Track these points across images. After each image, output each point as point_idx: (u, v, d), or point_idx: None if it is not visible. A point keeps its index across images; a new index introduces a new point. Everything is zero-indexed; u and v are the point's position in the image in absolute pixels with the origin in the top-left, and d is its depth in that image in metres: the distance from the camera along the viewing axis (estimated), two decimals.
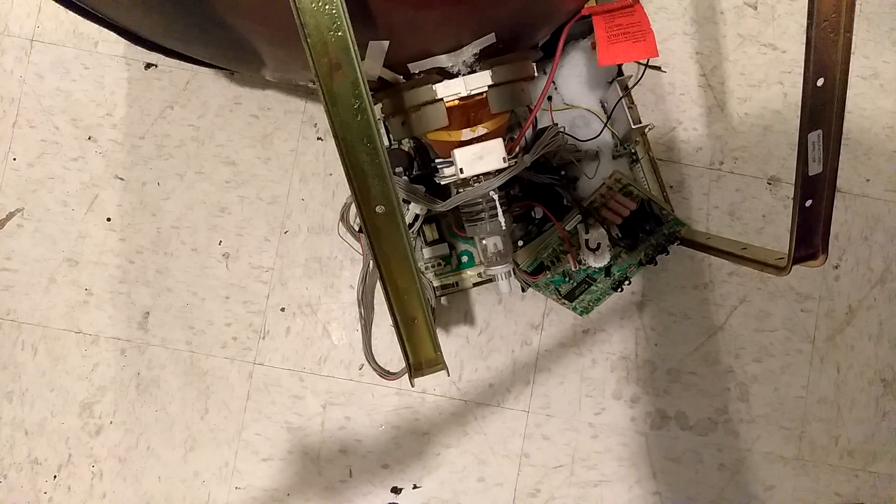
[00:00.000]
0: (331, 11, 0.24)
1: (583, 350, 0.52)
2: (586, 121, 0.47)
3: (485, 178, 0.38)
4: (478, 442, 0.51)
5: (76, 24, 0.52)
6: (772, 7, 0.53)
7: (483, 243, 0.41)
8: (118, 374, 0.52)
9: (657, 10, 0.53)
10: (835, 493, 0.51)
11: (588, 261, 0.43)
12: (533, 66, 0.40)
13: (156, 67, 0.53)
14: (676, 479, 0.51)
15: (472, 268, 0.49)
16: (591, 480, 0.51)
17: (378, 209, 0.27)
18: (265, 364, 0.52)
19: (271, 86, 0.52)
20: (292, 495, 0.51)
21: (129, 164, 0.52)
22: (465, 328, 0.52)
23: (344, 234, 0.51)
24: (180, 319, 0.52)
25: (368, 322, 0.49)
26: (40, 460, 0.52)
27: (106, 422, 0.52)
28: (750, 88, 0.53)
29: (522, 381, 0.51)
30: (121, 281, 0.52)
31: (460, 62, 0.35)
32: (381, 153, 0.26)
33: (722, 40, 0.53)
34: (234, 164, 0.52)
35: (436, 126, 0.37)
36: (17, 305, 0.52)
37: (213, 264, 0.52)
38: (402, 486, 0.51)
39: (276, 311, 0.52)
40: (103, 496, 0.52)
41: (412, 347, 0.30)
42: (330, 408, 0.51)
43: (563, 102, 0.47)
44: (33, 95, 0.52)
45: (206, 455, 0.51)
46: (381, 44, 0.31)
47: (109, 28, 0.36)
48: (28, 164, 0.52)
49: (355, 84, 0.25)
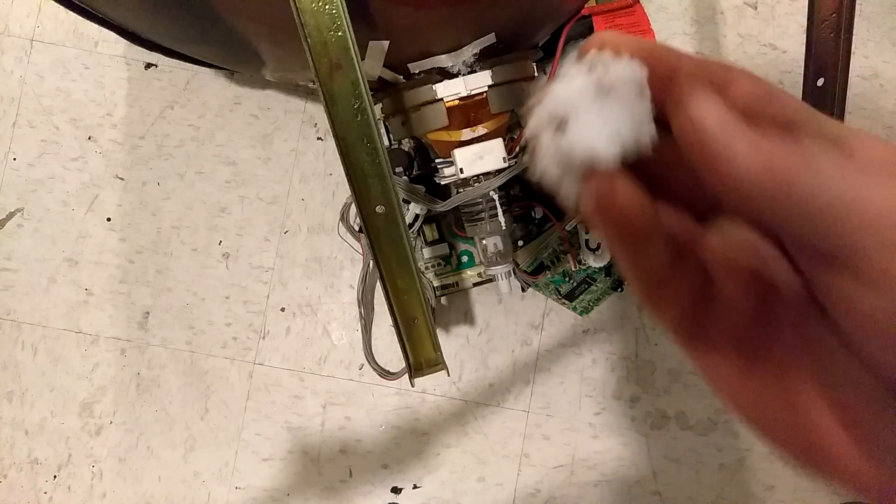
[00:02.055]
0: (331, 11, 0.24)
1: (583, 350, 0.52)
2: None
3: (485, 178, 0.38)
4: (478, 442, 0.51)
5: (76, 24, 0.52)
6: (772, 7, 0.53)
7: (483, 243, 0.41)
8: (118, 374, 0.52)
9: (657, 10, 0.53)
10: (834, 493, 0.51)
11: (588, 261, 0.43)
12: (533, 65, 0.40)
13: (156, 67, 0.53)
14: (676, 479, 0.51)
15: (472, 268, 0.49)
16: (591, 480, 0.51)
17: (378, 209, 0.27)
18: (265, 364, 0.52)
19: (271, 86, 0.52)
20: (292, 495, 0.51)
21: (129, 164, 0.52)
22: (465, 328, 0.52)
23: (344, 234, 0.51)
24: (180, 319, 0.52)
25: (368, 322, 0.49)
26: (40, 460, 0.52)
27: (106, 422, 0.52)
28: None
29: (522, 381, 0.51)
30: (121, 281, 0.52)
31: (460, 62, 0.35)
32: (381, 153, 0.26)
33: (722, 40, 0.53)
34: (234, 164, 0.52)
35: (436, 126, 0.37)
36: (17, 305, 0.52)
37: (213, 264, 0.52)
38: (402, 486, 0.51)
39: (276, 311, 0.52)
40: (103, 496, 0.52)
41: (412, 347, 0.30)
42: (330, 408, 0.51)
43: None
44: (33, 95, 0.52)
45: (206, 455, 0.51)
46: (381, 44, 0.31)
47: (109, 28, 0.36)
48: (28, 164, 0.52)
49: (355, 84, 0.25)
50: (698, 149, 0.13)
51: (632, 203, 0.13)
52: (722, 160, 0.12)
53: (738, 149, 0.12)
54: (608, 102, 0.13)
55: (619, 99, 0.13)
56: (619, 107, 0.13)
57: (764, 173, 0.12)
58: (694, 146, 0.13)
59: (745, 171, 0.12)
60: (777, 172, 0.12)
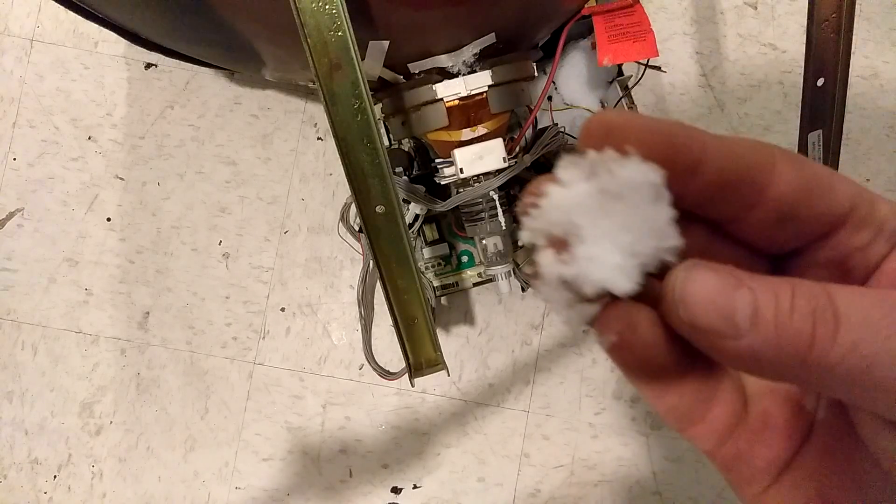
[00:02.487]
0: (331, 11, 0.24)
1: (583, 350, 0.52)
2: None
3: (485, 178, 0.38)
4: (478, 442, 0.51)
5: (76, 24, 0.52)
6: (772, 7, 0.53)
7: (483, 243, 0.41)
8: (118, 374, 0.52)
9: (657, 10, 0.53)
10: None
11: None
12: (533, 66, 0.40)
13: (156, 67, 0.53)
14: (676, 479, 0.51)
15: (472, 268, 0.49)
16: (591, 480, 0.51)
17: (378, 209, 0.27)
18: (265, 364, 0.52)
19: (271, 86, 0.52)
20: (292, 495, 0.51)
21: (129, 164, 0.52)
22: (465, 328, 0.52)
23: (344, 234, 0.51)
24: (180, 319, 0.52)
25: (368, 322, 0.49)
26: (40, 460, 0.52)
27: (106, 422, 0.52)
28: (750, 88, 0.53)
29: (522, 381, 0.51)
30: (121, 281, 0.52)
31: (460, 62, 0.35)
32: (381, 153, 0.26)
33: (722, 40, 0.53)
34: (234, 164, 0.52)
35: (436, 126, 0.37)
36: (17, 305, 0.52)
37: (213, 264, 0.52)
38: (402, 486, 0.51)
39: (276, 311, 0.52)
40: (103, 496, 0.52)
41: (412, 347, 0.30)
42: (330, 408, 0.51)
43: (563, 102, 0.47)
44: (33, 95, 0.52)
45: (206, 455, 0.51)
46: (381, 44, 0.31)
47: (109, 28, 0.36)
48: (28, 164, 0.52)
49: (355, 84, 0.25)
50: (689, 332, 0.11)
51: (656, 340, 0.11)
52: (718, 341, 0.10)
53: (739, 318, 0.10)
54: (618, 213, 0.11)
55: (631, 206, 0.11)
56: (632, 216, 0.11)
57: (775, 345, 0.10)
58: (684, 328, 0.11)
59: (746, 351, 0.10)
60: (790, 341, 0.10)
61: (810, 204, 0.11)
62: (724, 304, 0.10)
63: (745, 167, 0.11)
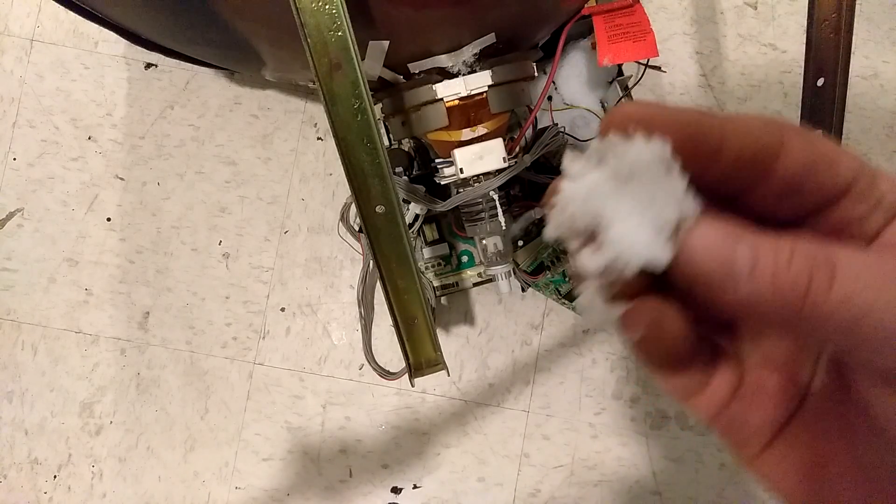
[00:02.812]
0: (331, 11, 0.24)
1: (583, 350, 0.52)
2: (586, 121, 0.47)
3: (485, 178, 0.38)
4: (478, 442, 0.51)
5: (76, 24, 0.52)
6: (772, 7, 0.53)
7: (483, 243, 0.41)
8: (118, 374, 0.52)
9: (657, 10, 0.53)
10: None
11: None
12: (533, 66, 0.40)
13: (156, 67, 0.53)
14: (676, 479, 0.51)
15: (472, 268, 0.49)
16: (591, 480, 0.51)
17: (378, 209, 0.27)
18: (265, 364, 0.52)
19: (271, 86, 0.52)
20: (292, 495, 0.51)
21: (129, 164, 0.52)
22: (465, 328, 0.52)
23: (344, 234, 0.51)
24: (180, 319, 0.52)
25: (368, 322, 0.49)
26: (40, 460, 0.52)
27: (106, 422, 0.52)
28: (750, 88, 0.53)
29: (522, 381, 0.51)
30: (121, 281, 0.52)
31: (460, 62, 0.35)
32: (381, 153, 0.26)
33: (722, 40, 0.53)
34: (234, 164, 0.52)
35: (436, 126, 0.37)
36: (17, 305, 0.52)
37: (213, 264, 0.52)
38: (402, 486, 0.51)
39: (276, 311, 0.52)
40: (103, 496, 0.52)
41: (412, 347, 0.30)
42: (330, 408, 0.51)
43: (563, 102, 0.47)
44: (33, 95, 0.52)
45: (206, 455, 0.51)
46: (381, 44, 0.31)
47: (109, 28, 0.36)
48: (28, 164, 0.52)
49: (355, 84, 0.25)
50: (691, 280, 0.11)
51: (681, 333, 0.12)
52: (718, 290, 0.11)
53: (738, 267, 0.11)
54: (635, 192, 0.11)
55: (646, 183, 0.11)
56: (650, 192, 0.11)
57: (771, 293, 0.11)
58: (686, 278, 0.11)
59: (745, 300, 0.11)
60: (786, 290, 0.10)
61: (816, 177, 0.12)
62: (726, 254, 0.11)
63: (760, 147, 0.12)
